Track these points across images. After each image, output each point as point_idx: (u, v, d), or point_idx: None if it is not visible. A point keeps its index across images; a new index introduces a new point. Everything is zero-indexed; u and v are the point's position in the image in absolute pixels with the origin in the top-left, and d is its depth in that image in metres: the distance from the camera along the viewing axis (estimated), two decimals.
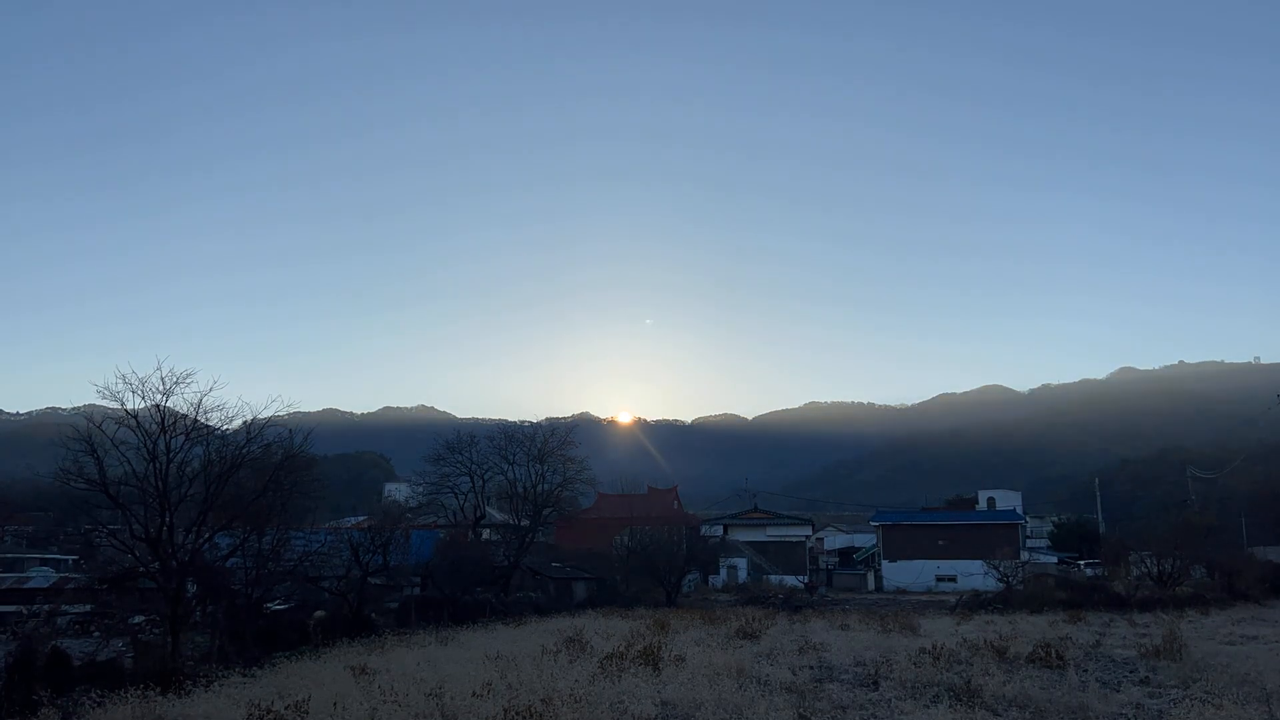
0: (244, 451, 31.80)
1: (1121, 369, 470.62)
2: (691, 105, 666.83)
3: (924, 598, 58.26)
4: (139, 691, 18.85)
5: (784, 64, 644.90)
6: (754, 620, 34.75)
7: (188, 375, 30.17)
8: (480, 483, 58.36)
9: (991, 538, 61.21)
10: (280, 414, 34.56)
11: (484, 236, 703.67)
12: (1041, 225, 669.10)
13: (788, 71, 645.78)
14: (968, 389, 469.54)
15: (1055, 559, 75.40)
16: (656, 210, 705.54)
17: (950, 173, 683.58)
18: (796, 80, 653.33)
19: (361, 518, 50.54)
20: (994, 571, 52.42)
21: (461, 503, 57.83)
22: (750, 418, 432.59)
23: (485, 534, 59.08)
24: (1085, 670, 20.95)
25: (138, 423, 29.01)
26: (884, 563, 75.52)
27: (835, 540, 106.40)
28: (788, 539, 74.87)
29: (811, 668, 21.86)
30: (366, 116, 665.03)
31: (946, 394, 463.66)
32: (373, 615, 38.97)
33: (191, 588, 30.67)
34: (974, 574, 61.53)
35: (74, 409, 31.05)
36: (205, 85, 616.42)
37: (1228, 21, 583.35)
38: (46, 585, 37.57)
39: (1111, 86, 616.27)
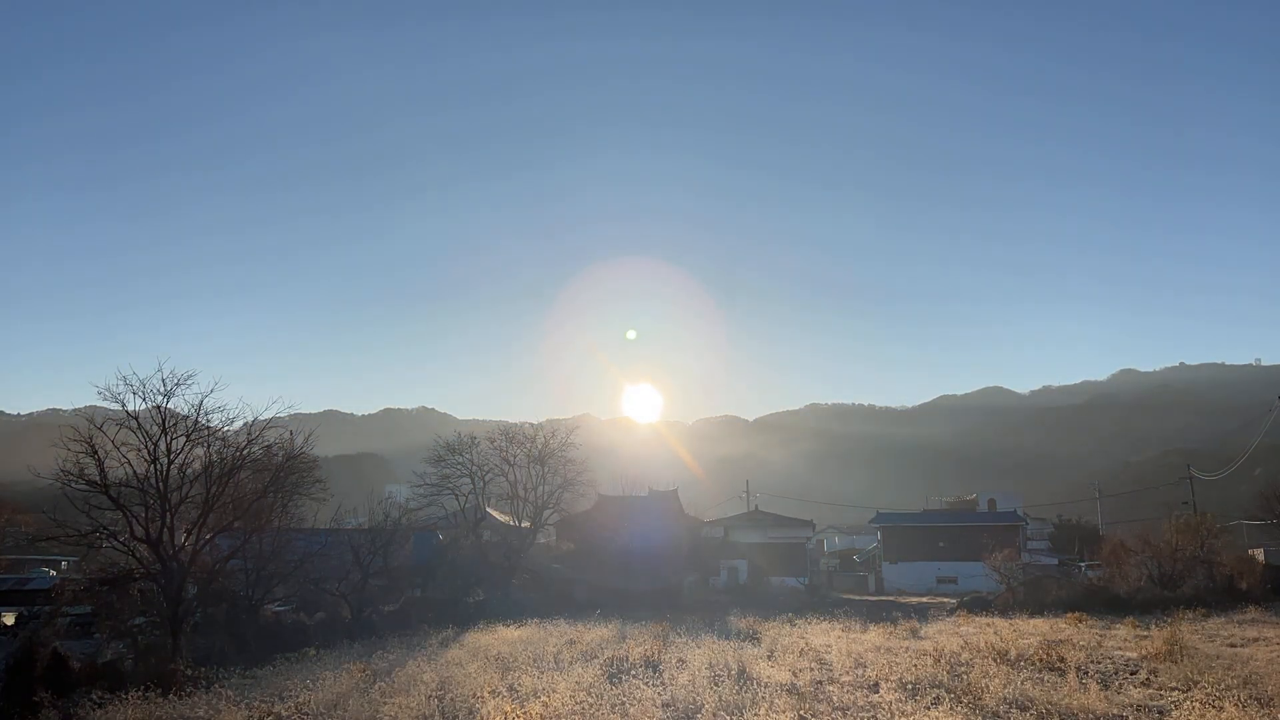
0: (245, 453, 31.84)
1: (1122, 371, 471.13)
2: (691, 107, 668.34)
3: (925, 599, 58.21)
4: (140, 693, 18.85)
5: (781, 65, 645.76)
6: (754, 622, 34.73)
7: (189, 376, 30.29)
8: (481, 484, 58.31)
9: (992, 539, 61.12)
10: (281, 415, 34.64)
11: (484, 237, 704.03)
12: (1042, 226, 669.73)
13: (785, 73, 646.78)
14: (968, 390, 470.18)
15: (1056, 560, 75.30)
16: (657, 212, 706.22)
17: (951, 174, 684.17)
18: (793, 82, 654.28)
19: (362, 520, 50.50)
20: (995, 573, 52.36)
21: (462, 504, 57.79)
22: (751, 419, 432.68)
23: (485, 536, 59.02)
24: (1086, 672, 20.92)
25: (139, 424, 29.06)
26: (885, 564, 75.47)
27: (836, 542, 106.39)
28: (788, 541, 74.71)
29: (812, 669, 21.84)
30: (367, 119, 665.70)
31: (947, 395, 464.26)
32: (373, 617, 38.97)
33: (192, 589, 30.69)
34: (975, 575, 61.53)
35: (75, 410, 31.13)
36: (204, 86, 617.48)
37: (1227, 23, 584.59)
38: (47, 587, 37.58)
39: (1113, 88, 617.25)
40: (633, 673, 20.82)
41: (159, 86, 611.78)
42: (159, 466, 28.93)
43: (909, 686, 19.07)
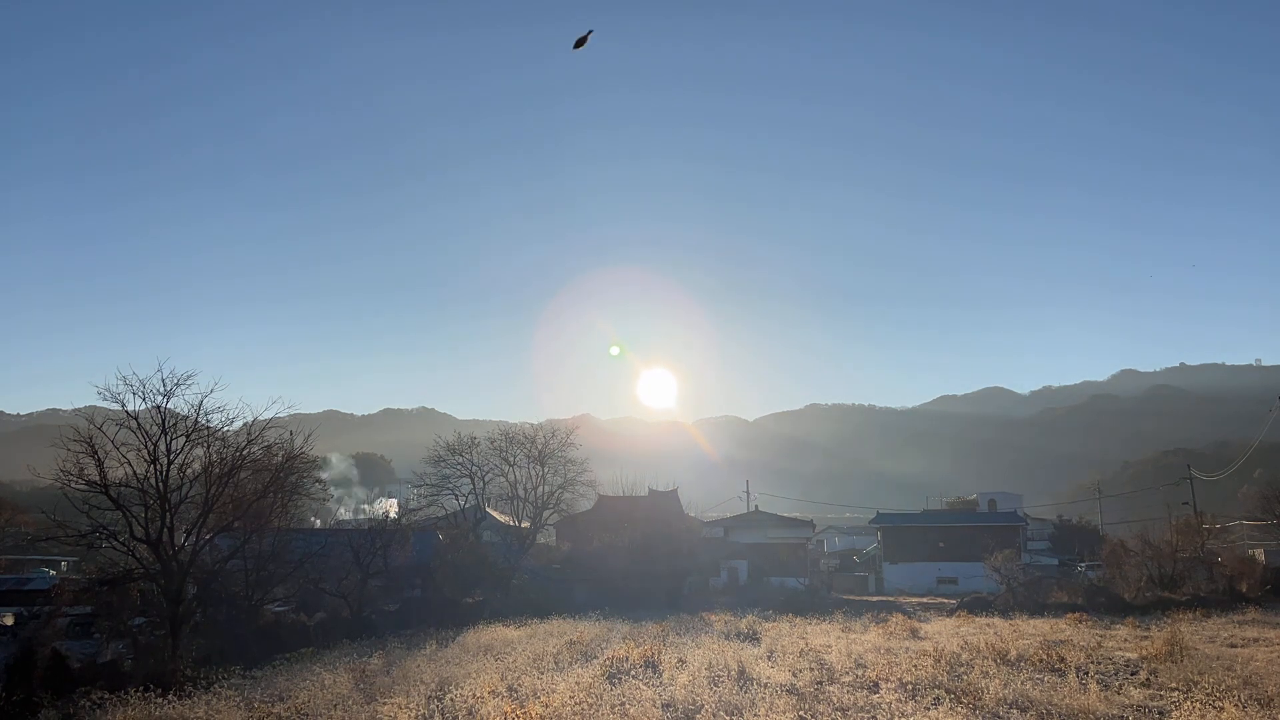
0: (244, 453, 31.75)
1: (1123, 371, 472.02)
2: (694, 112, 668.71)
3: (925, 600, 58.13)
4: (140, 693, 18.82)
5: (785, 69, 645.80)
6: (755, 622, 34.71)
7: (189, 377, 30.23)
8: (481, 484, 58.33)
9: (992, 540, 60.95)
10: (281, 415, 34.56)
11: (486, 240, 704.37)
12: (1043, 227, 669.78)
13: (788, 77, 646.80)
14: (968, 391, 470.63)
15: (1056, 561, 75.21)
16: (658, 215, 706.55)
17: (952, 177, 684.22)
18: (793, 80, 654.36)
19: (362, 520, 50.46)
20: (995, 574, 52.25)
21: (462, 504, 57.78)
22: (751, 420, 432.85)
23: (485, 536, 59.01)
24: (1086, 672, 20.91)
25: (138, 424, 29.00)
26: (885, 565, 75.34)
27: (836, 542, 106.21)
28: (788, 541, 74.59)
29: (812, 669, 21.82)
30: (368, 122, 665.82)
31: (947, 395, 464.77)
32: (373, 617, 38.94)
33: (192, 589, 30.64)
34: (975, 576, 61.36)
35: (75, 410, 31.00)
36: (204, 90, 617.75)
37: (1230, 36, 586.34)
38: (46, 587, 37.51)
39: (1118, 88, 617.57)
40: (632, 673, 20.81)
41: (156, 90, 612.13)
42: (159, 467, 28.87)
43: (909, 687, 19.05)
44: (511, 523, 59.45)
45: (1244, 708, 15.43)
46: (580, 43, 14.06)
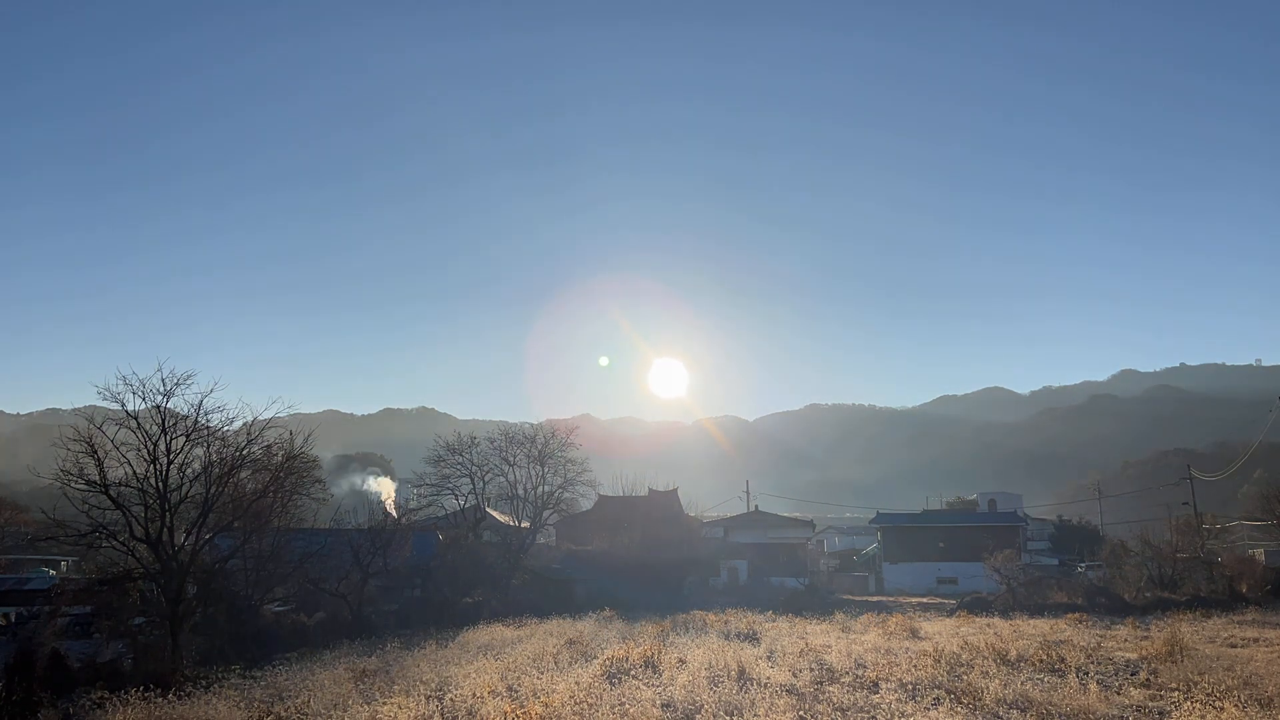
0: (244, 453, 31.74)
1: (1122, 371, 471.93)
2: (689, 110, 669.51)
3: (925, 600, 58.10)
4: (140, 693, 18.82)
5: (782, 63, 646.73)
6: (755, 622, 34.71)
7: (188, 376, 30.20)
8: (481, 484, 58.27)
9: (992, 540, 60.90)
10: (281, 415, 34.53)
11: (487, 241, 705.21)
12: (1043, 227, 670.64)
13: (786, 70, 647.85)
14: (969, 391, 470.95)
15: (1056, 561, 75.13)
16: (659, 215, 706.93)
17: (951, 175, 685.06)
18: (794, 80, 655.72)
19: (362, 520, 50.39)
20: (995, 574, 52.22)
21: (462, 504, 57.72)
22: (751, 419, 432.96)
23: (485, 536, 58.95)
24: (1086, 673, 20.90)
25: (138, 424, 28.99)
26: (885, 565, 75.32)
27: (836, 542, 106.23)
28: (788, 541, 74.72)
29: (812, 670, 21.82)
30: (370, 124, 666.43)
31: (947, 395, 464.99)
32: (373, 617, 38.94)
33: (192, 589, 30.63)
34: (975, 576, 61.33)
35: (75, 410, 30.98)
36: (204, 87, 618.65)
37: (1226, 42, 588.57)
38: (46, 587, 37.50)
39: (1116, 92, 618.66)
40: (632, 673, 20.81)
41: (155, 88, 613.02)
42: (159, 466, 28.87)
43: (909, 687, 19.05)
44: (511, 523, 59.38)
45: (1244, 708, 15.42)
46: None
